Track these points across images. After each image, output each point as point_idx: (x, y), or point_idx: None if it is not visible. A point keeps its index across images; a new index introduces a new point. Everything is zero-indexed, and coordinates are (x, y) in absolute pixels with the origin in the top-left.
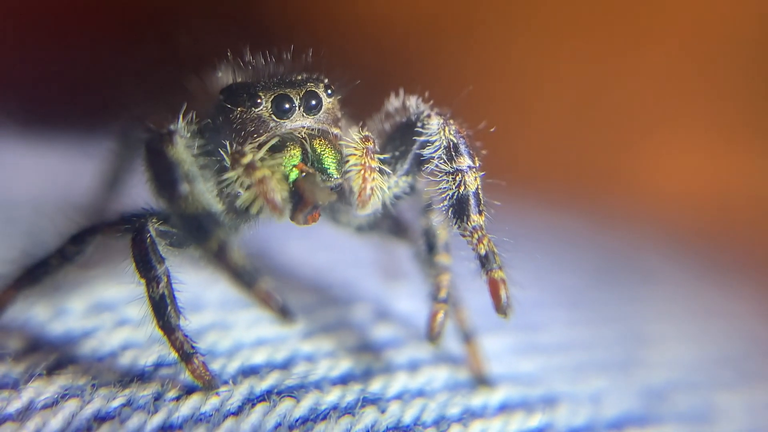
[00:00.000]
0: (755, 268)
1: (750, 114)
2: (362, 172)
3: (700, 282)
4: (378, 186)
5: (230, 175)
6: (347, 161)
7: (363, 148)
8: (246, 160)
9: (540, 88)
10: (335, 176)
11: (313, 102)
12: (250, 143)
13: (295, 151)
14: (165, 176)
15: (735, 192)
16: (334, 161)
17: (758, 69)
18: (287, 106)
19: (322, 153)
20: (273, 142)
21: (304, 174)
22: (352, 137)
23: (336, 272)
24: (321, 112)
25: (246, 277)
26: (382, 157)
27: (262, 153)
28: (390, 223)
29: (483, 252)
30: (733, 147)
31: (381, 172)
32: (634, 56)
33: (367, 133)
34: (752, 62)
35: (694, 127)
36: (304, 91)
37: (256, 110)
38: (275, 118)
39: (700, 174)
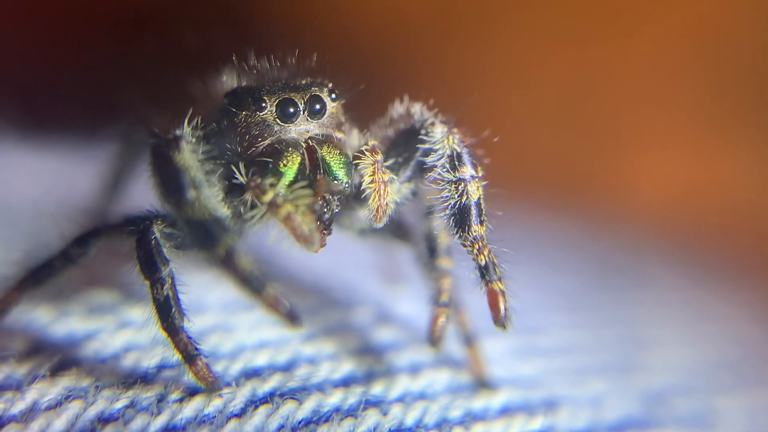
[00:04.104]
0: (747, 272)
1: (739, 114)
2: (378, 190)
3: (693, 286)
4: (392, 199)
5: (254, 213)
6: (362, 177)
7: (374, 162)
8: (268, 198)
9: (529, 96)
10: (344, 180)
11: (317, 106)
12: (271, 175)
13: (295, 156)
14: (172, 182)
15: (725, 194)
16: (341, 165)
17: (746, 69)
18: (291, 110)
19: (329, 157)
20: (291, 177)
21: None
22: (361, 149)
23: (336, 275)
24: (325, 116)
25: (254, 283)
26: (388, 163)
27: (281, 187)
28: (392, 227)
29: (483, 263)
30: (723, 148)
31: (390, 181)
32: (621, 60)
33: (374, 142)
34: (740, 62)
35: (685, 130)
36: (308, 95)
37: (261, 114)
38: (279, 122)
39: (689, 176)
